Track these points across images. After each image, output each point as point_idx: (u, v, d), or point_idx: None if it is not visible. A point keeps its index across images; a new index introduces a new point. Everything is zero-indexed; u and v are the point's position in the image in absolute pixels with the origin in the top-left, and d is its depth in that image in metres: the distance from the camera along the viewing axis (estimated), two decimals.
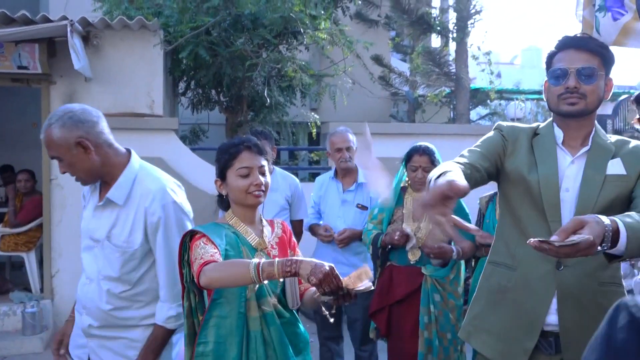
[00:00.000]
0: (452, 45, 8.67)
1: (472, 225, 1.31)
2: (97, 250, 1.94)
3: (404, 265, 2.90)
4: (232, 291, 1.74)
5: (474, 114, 10.38)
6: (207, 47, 5.89)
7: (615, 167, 1.67)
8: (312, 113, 7.72)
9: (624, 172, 1.66)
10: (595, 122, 1.76)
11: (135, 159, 2.01)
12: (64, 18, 4.58)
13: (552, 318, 1.68)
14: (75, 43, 4.48)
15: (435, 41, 9.87)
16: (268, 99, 6.60)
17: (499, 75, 8.81)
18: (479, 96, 9.43)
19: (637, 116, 2.70)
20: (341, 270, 3.31)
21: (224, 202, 1.94)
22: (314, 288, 1.77)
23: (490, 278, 1.84)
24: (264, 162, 1.91)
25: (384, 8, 9.77)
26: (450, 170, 1.49)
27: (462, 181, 1.32)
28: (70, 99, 5.12)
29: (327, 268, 1.57)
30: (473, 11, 8.05)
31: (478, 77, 9.50)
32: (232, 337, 1.73)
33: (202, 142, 8.79)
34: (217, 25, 5.92)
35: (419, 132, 5.85)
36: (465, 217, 2.90)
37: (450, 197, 1.29)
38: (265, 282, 1.62)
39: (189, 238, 1.76)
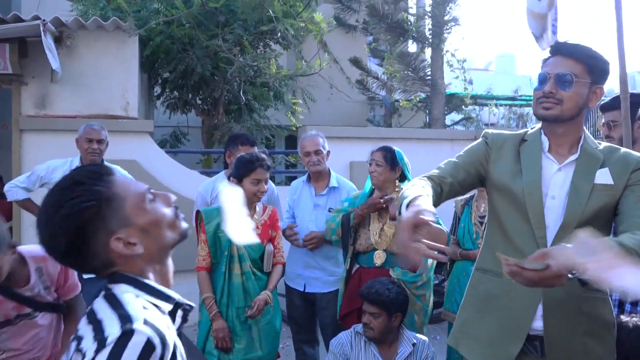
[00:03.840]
0: (428, 51, 8.77)
1: (444, 247, 1.36)
2: None
3: (372, 267, 2.93)
4: (219, 255, 2.78)
5: (448, 119, 10.51)
6: (179, 41, 5.87)
7: (604, 176, 1.68)
8: (289, 116, 7.73)
9: (612, 182, 1.66)
10: (584, 129, 1.77)
11: None
12: (37, 18, 4.50)
13: (538, 324, 1.70)
14: (49, 43, 4.41)
15: (412, 47, 9.97)
16: (243, 98, 6.57)
17: (470, 82, 8.93)
18: (454, 101, 9.54)
19: (602, 122, 2.81)
20: (312, 274, 3.36)
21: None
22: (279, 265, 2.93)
23: (478, 286, 1.86)
24: (268, 175, 2.84)
25: (361, 13, 9.84)
26: (420, 195, 1.54)
27: (428, 209, 1.42)
28: (42, 101, 5.03)
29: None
30: (447, 17, 8.15)
31: (453, 82, 9.63)
32: (217, 286, 2.78)
33: (184, 145, 8.71)
34: (191, 20, 5.90)
35: (395, 137, 5.91)
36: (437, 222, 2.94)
37: (418, 225, 1.36)
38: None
39: (199, 219, 2.84)
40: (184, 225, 1.19)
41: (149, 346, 0.96)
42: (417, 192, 1.57)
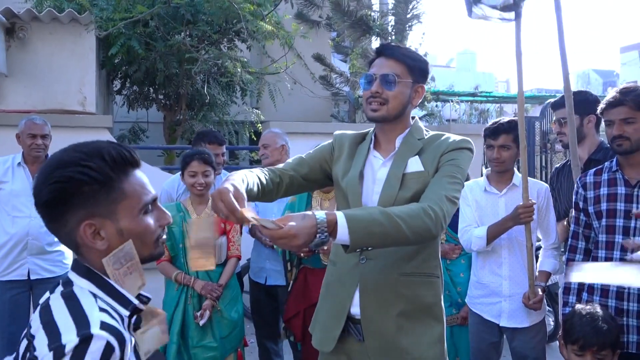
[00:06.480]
0: None
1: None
2: None
3: (319, 267, 2.86)
4: (176, 248, 2.92)
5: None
6: (142, 41, 5.73)
7: (414, 164, 1.75)
8: (254, 110, 7.67)
9: (422, 169, 1.73)
10: (414, 123, 1.85)
11: None
12: None
13: (357, 309, 1.76)
14: None
15: (376, 43, 10.04)
16: (207, 97, 6.49)
17: (433, 79, 9.09)
18: None
19: (554, 118, 2.92)
20: (274, 267, 3.34)
21: None
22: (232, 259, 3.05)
23: (325, 276, 1.95)
24: (208, 168, 2.96)
25: (325, 9, 9.84)
26: (241, 177, 1.60)
27: (233, 182, 1.51)
28: None
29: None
30: (410, 15, 8.25)
31: None
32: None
33: (143, 141, 8.52)
34: (155, 17, 5.76)
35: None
36: None
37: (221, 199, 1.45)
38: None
39: None
40: (159, 250, 1.20)
41: (108, 349, 0.96)
42: (242, 176, 1.63)
